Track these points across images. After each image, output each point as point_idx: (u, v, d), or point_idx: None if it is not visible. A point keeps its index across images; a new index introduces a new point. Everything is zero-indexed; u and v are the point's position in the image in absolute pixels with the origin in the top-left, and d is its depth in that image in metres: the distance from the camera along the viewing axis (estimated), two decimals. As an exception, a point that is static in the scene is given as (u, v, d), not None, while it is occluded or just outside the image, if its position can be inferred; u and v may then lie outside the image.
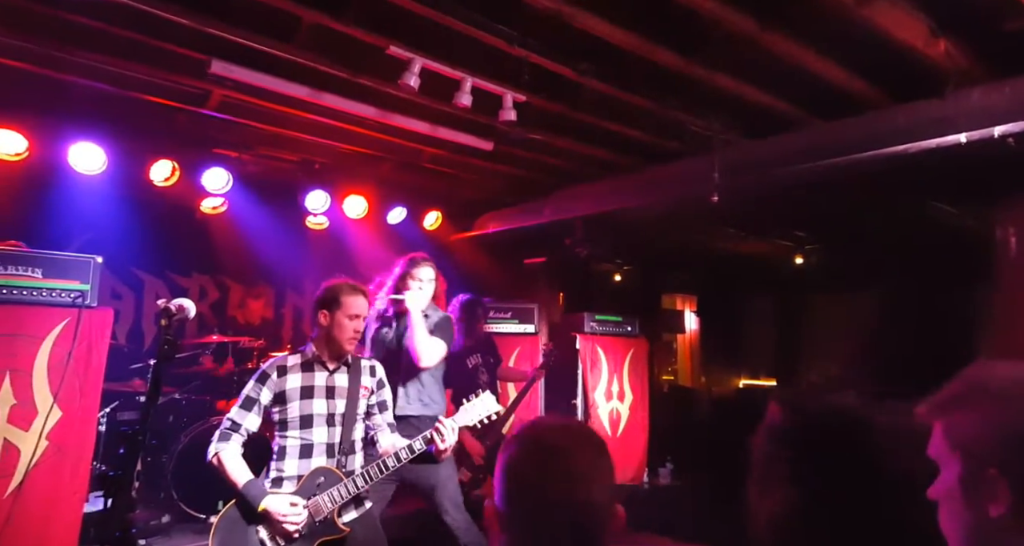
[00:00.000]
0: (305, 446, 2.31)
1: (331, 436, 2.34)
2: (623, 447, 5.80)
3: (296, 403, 2.32)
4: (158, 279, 5.54)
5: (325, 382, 2.38)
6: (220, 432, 2.32)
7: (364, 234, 5.81)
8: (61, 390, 2.73)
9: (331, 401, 2.36)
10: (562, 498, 0.98)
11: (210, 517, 3.93)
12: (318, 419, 2.33)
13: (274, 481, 2.30)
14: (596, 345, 5.85)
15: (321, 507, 2.24)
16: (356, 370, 2.44)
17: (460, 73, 3.25)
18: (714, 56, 3.28)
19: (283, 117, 4.08)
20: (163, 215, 5.01)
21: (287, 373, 2.36)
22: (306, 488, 2.27)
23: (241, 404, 2.34)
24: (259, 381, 2.35)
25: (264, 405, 2.33)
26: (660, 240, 6.73)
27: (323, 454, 2.32)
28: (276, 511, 2.16)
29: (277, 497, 2.20)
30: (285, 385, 2.33)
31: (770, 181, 4.13)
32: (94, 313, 2.89)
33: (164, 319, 1.74)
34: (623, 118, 4.09)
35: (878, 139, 3.61)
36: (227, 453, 2.27)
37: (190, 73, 3.45)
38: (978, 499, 0.76)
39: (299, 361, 2.41)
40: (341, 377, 2.41)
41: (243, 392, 2.37)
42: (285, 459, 2.30)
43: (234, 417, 2.32)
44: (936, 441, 0.83)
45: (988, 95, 3.26)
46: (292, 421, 2.32)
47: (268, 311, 5.96)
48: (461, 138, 4.30)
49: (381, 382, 2.54)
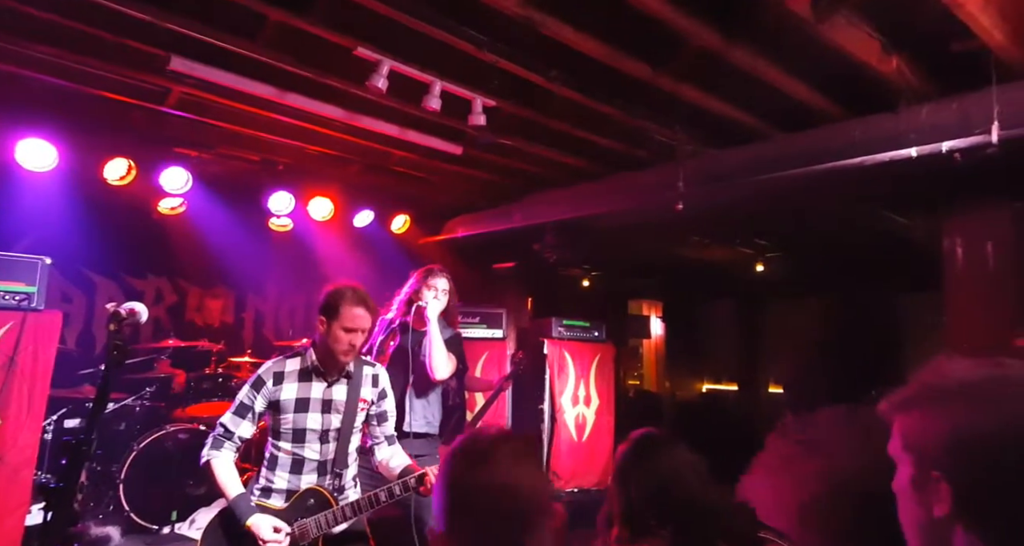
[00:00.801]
0: (296, 461, 2.23)
1: (324, 453, 2.26)
2: (589, 451, 5.82)
3: (290, 415, 2.23)
4: (111, 281, 5.34)
5: (322, 394, 2.28)
6: (213, 438, 2.25)
7: (330, 237, 5.71)
8: (3, 397, 2.60)
9: (327, 416, 2.26)
10: (491, 504, 1.09)
11: (162, 528, 3.80)
12: (311, 434, 2.24)
13: (263, 490, 2.24)
14: (563, 350, 5.87)
15: (308, 532, 2.18)
16: (357, 381, 2.33)
17: (429, 76, 3.23)
18: (681, 68, 3.34)
19: (246, 116, 3.99)
20: (118, 215, 4.84)
21: (283, 381, 2.26)
22: (295, 508, 2.20)
23: (235, 410, 2.25)
24: (254, 387, 2.26)
25: (259, 412, 2.25)
26: (627, 247, 6.81)
27: (314, 470, 2.25)
28: (259, 533, 2.11)
29: (263, 518, 2.13)
30: (280, 394, 2.24)
31: (732, 191, 4.23)
32: (41, 316, 2.77)
33: (114, 324, 1.66)
34: (592, 126, 4.13)
35: (835, 152, 3.73)
36: (219, 461, 2.21)
37: (149, 69, 3.34)
38: (925, 498, 0.79)
39: (297, 368, 2.29)
40: (340, 390, 2.30)
41: (237, 397, 2.28)
42: (276, 470, 2.24)
43: (227, 424, 2.24)
44: (893, 439, 0.85)
45: (937, 112, 3.41)
46: (285, 433, 2.24)
47: (228, 315, 5.81)
48: (430, 142, 4.27)
49: (383, 392, 2.42)
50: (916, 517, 0.81)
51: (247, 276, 5.97)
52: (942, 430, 0.78)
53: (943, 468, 0.77)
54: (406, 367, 2.94)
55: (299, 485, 2.24)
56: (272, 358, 2.35)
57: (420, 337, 2.99)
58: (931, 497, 0.78)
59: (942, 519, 0.77)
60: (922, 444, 0.80)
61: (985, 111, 3.20)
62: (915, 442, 0.82)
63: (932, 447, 0.79)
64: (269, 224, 5.37)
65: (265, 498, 2.23)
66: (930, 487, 0.78)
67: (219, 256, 5.36)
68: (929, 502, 0.78)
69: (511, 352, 5.98)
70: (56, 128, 3.96)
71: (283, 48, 3.16)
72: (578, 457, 5.74)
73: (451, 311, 3.15)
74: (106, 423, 4.05)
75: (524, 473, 1.12)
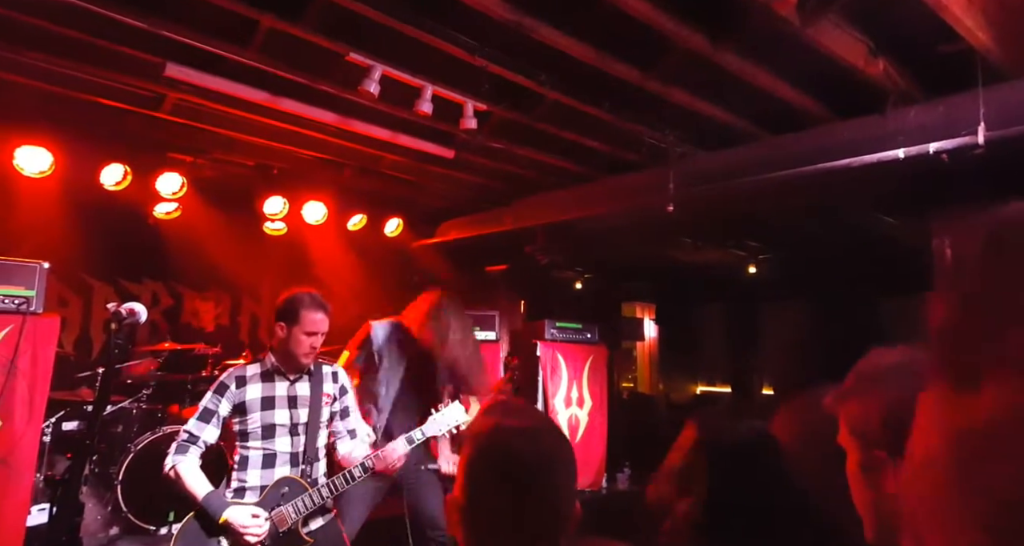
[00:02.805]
0: (268, 456, 2.28)
1: (294, 445, 2.31)
2: (582, 453, 5.86)
3: (257, 414, 2.28)
4: (108, 285, 5.37)
5: (287, 392, 2.35)
6: (177, 444, 2.27)
7: (324, 240, 5.75)
8: (4, 399, 2.63)
9: (294, 411, 2.33)
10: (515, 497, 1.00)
11: (160, 529, 3.82)
12: (280, 429, 2.30)
13: (236, 491, 2.26)
14: (556, 352, 5.91)
15: (285, 517, 2.22)
16: (318, 378, 2.41)
17: (421, 81, 3.28)
18: (670, 71, 3.39)
19: (240, 122, 4.04)
20: (114, 220, 4.87)
21: (246, 384, 2.32)
22: (270, 498, 2.24)
23: (199, 416, 2.29)
24: (217, 392, 2.31)
25: (223, 417, 2.29)
26: (620, 249, 6.86)
27: (287, 463, 2.29)
28: (237, 523, 2.13)
29: (239, 509, 2.16)
30: (245, 396, 2.29)
31: (722, 192, 4.28)
32: (39, 320, 2.80)
33: (114, 323, 1.71)
34: (582, 129, 4.18)
35: (823, 154, 3.78)
36: (184, 465, 2.23)
37: (144, 76, 3.39)
38: (876, 479, 0.84)
39: (259, 371, 2.36)
40: (303, 386, 2.38)
41: (201, 404, 2.32)
42: (248, 469, 2.27)
43: (191, 429, 2.28)
44: (841, 430, 0.90)
45: (924, 113, 3.46)
46: (253, 432, 2.28)
47: (223, 318, 5.83)
48: (422, 145, 4.32)
49: (343, 388, 2.51)
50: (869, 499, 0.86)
51: (242, 280, 6.00)
52: (878, 410, 0.84)
53: (885, 445, 0.82)
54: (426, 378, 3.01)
55: (272, 479, 2.27)
56: None
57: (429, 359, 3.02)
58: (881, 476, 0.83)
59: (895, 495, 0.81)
60: (864, 427, 0.86)
61: (971, 112, 3.24)
62: (858, 427, 0.87)
63: (873, 427, 0.84)
64: (264, 228, 5.40)
65: (239, 498, 2.25)
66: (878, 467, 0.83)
67: (214, 260, 5.39)
68: (878, 482, 0.83)
69: (504, 355, 6.03)
70: (53, 134, 4.00)
71: (276, 54, 3.21)
72: (572, 457, 5.76)
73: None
74: (104, 425, 4.07)
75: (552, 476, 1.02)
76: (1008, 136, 3.18)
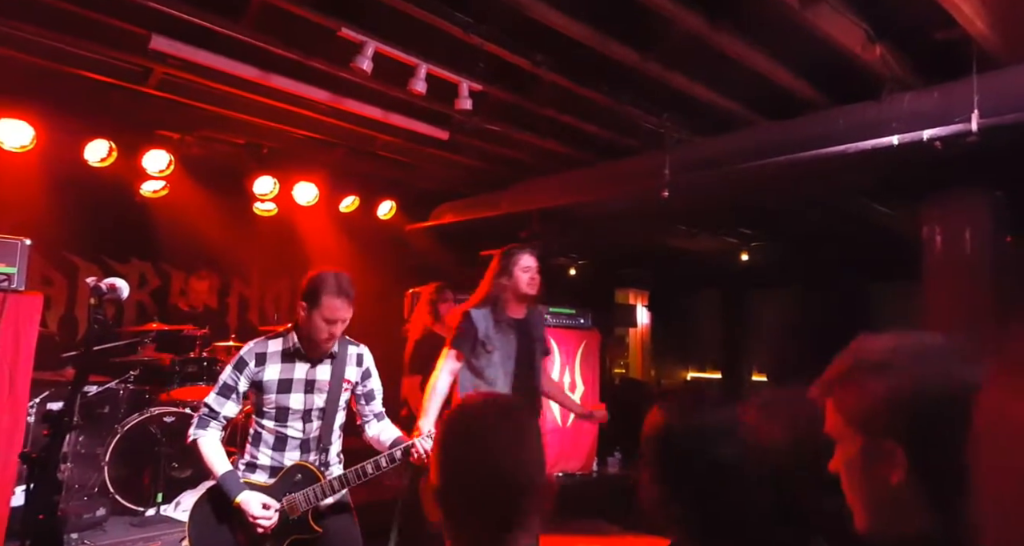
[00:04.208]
0: (280, 438, 2.25)
1: (307, 431, 2.27)
2: (573, 437, 5.89)
3: (273, 395, 2.24)
4: (93, 265, 5.28)
5: (305, 375, 2.28)
6: (198, 418, 2.26)
7: (315, 222, 5.68)
8: (-16, 378, 2.58)
9: (309, 396, 2.27)
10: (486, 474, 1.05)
11: (147, 510, 3.80)
12: (294, 414, 2.25)
13: (247, 465, 2.27)
14: (549, 337, 5.89)
15: (296, 506, 2.20)
16: (341, 361, 2.33)
17: (415, 59, 3.22)
18: (668, 54, 3.34)
19: (229, 98, 3.95)
20: (99, 197, 4.77)
21: (266, 363, 2.26)
22: (283, 484, 2.22)
23: (219, 391, 2.26)
24: (236, 368, 2.26)
25: (242, 392, 2.27)
26: (614, 236, 6.83)
27: (297, 448, 2.26)
28: (248, 509, 2.12)
29: (252, 495, 2.15)
30: (263, 375, 2.24)
31: (718, 178, 4.25)
32: (21, 298, 2.73)
33: (94, 298, 1.65)
34: (579, 113, 4.13)
35: (818, 140, 3.77)
36: (205, 440, 2.23)
37: (129, 49, 3.29)
38: (878, 469, 0.80)
39: (280, 349, 2.29)
40: (323, 370, 2.30)
41: (220, 378, 2.29)
42: (260, 447, 2.26)
43: (211, 404, 2.26)
44: (830, 418, 0.87)
45: (919, 100, 3.44)
46: (268, 412, 2.25)
47: (212, 299, 5.76)
48: (416, 126, 4.25)
49: (367, 372, 2.42)
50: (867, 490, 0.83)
51: (231, 261, 5.92)
52: (882, 397, 0.80)
53: (894, 434, 0.79)
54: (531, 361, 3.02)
55: (282, 461, 2.25)
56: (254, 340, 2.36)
57: None
58: (885, 466, 0.80)
59: (898, 485, 0.78)
60: (866, 415, 0.82)
61: (965, 100, 3.24)
62: (858, 415, 0.83)
63: (878, 415, 0.81)
64: (253, 208, 5.32)
65: (250, 473, 2.26)
66: (883, 457, 0.80)
67: (203, 240, 5.31)
68: (883, 472, 0.80)
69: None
70: (34, 108, 3.90)
71: (267, 29, 3.13)
72: (563, 442, 5.79)
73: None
74: (90, 406, 4.02)
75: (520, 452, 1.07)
76: (1001, 124, 3.18)
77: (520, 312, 3.07)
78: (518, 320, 3.05)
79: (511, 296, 3.01)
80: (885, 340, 0.86)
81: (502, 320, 2.99)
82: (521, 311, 3.07)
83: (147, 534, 3.58)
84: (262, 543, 2.17)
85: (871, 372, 0.84)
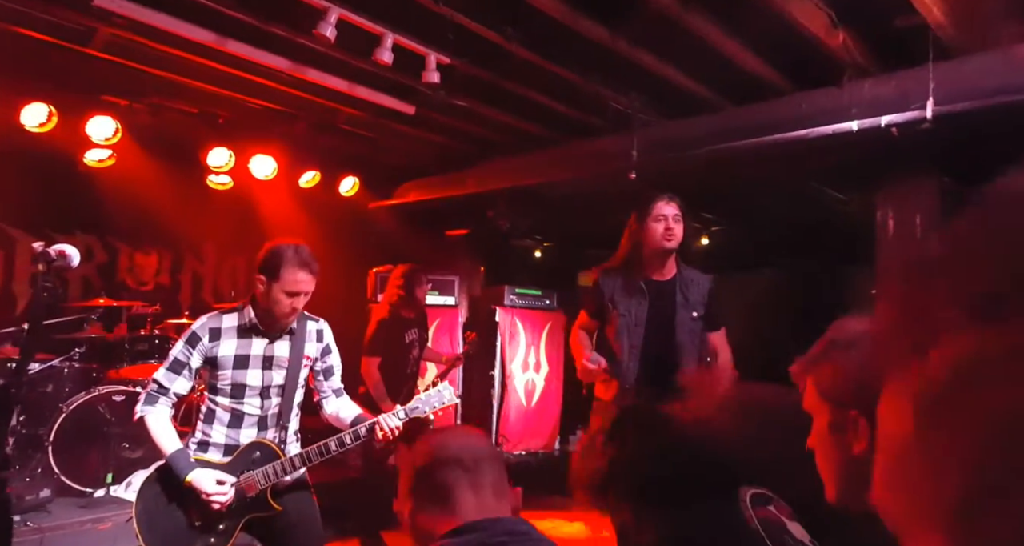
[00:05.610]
0: (236, 415, 2.17)
1: (265, 408, 2.19)
2: (537, 416, 5.94)
3: (228, 371, 2.15)
4: (33, 237, 4.96)
5: (263, 351, 2.19)
6: (146, 394, 2.17)
7: (273, 197, 5.49)
8: (-89, 356, 2.41)
9: (268, 372, 2.18)
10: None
11: (96, 491, 3.67)
12: (251, 391, 2.17)
13: (199, 444, 2.17)
14: (515, 318, 5.92)
15: (254, 483, 2.13)
16: (300, 336, 2.24)
17: (381, 28, 3.10)
18: (638, 33, 3.32)
19: (182, 64, 3.74)
20: (39, 165, 4.50)
21: (221, 338, 2.16)
22: (239, 462, 2.14)
23: (169, 366, 2.16)
24: (189, 343, 2.16)
25: (195, 368, 2.17)
26: (580, 218, 6.83)
27: (254, 425, 2.18)
28: (201, 487, 2.04)
29: (204, 472, 2.06)
30: (217, 351, 2.15)
31: (684, 161, 4.28)
32: (-48, 270, 2.56)
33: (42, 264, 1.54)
34: (548, 90, 4.09)
35: (781, 124, 3.84)
36: (153, 416, 2.13)
37: (70, 5, 3.07)
38: (844, 440, 0.87)
39: (235, 324, 2.18)
40: (282, 346, 2.21)
41: (171, 353, 2.19)
42: (213, 424, 2.17)
43: (161, 380, 2.15)
44: (808, 395, 0.93)
45: (878, 86, 3.53)
46: (223, 389, 2.16)
47: (163, 276, 5.54)
48: (381, 99, 4.12)
49: (327, 348, 2.34)
50: (836, 460, 0.89)
51: (184, 235, 5.70)
52: (852, 372, 0.86)
53: (857, 405, 0.84)
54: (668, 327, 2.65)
55: (238, 439, 2.18)
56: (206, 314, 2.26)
57: None
58: (849, 437, 0.85)
59: (860, 455, 0.83)
60: (837, 390, 0.88)
61: (922, 87, 3.33)
62: (830, 390, 0.90)
63: (845, 389, 0.87)
64: (207, 181, 5.10)
65: (202, 452, 2.17)
66: (849, 428, 0.85)
67: (153, 213, 5.07)
68: (848, 443, 0.86)
69: (463, 319, 5.99)
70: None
71: (223, -11, 2.96)
72: (527, 421, 5.85)
73: None
74: (31, 385, 3.82)
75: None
76: (954, 111, 3.28)
77: (661, 272, 2.65)
78: (659, 282, 2.63)
79: (646, 252, 2.61)
80: (859, 322, 0.93)
81: (634, 281, 2.61)
82: (663, 271, 2.65)
83: (95, 515, 3.47)
84: (218, 521, 2.10)
85: (843, 349, 0.90)
